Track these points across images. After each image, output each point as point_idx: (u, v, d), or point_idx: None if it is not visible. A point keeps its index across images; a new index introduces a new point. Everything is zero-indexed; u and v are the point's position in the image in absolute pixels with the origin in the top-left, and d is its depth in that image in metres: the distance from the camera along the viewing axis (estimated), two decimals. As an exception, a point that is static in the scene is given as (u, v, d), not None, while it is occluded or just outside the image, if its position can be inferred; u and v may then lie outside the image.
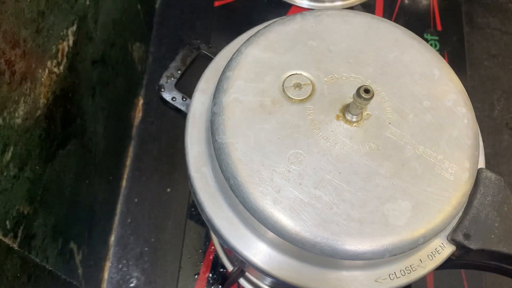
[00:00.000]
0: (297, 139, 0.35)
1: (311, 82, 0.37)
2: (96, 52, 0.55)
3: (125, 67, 0.69)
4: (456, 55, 0.78)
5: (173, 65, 0.47)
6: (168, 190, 0.70)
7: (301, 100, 0.36)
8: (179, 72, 0.47)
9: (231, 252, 0.57)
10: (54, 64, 0.45)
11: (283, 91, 0.36)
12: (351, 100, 0.35)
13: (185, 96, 0.45)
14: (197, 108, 0.40)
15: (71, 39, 0.48)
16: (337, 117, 0.36)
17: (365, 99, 0.33)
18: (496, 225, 0.36)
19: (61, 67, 0.46)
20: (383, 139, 0.35)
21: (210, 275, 0.64)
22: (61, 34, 0.46)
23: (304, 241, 0.33)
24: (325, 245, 0.32)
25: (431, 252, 0.36)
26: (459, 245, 0.36)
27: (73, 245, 0.54)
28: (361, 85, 0.33)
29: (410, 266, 0.36)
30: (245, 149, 0.34)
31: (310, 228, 0.32)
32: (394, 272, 0.36)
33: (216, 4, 0.83)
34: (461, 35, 0.80)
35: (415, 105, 0.37)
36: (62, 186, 0.50)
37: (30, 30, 0.40)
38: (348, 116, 0.35)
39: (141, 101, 0.76)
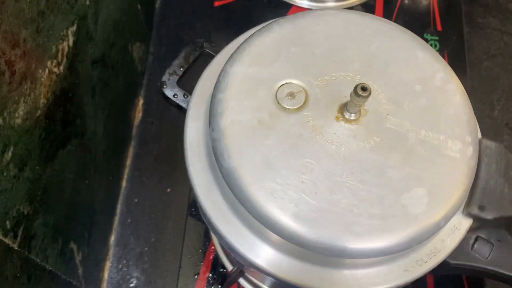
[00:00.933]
0: (302, 148, 0.34)
1: (303, 88, 0.37)
2: (96, 52, 0.55)
3: (125, 67, 0.69)
4: (456, 55, 0.78)
5: (175, 62, 0.47)
6: (168, 190, 0.70)
7: (298, 109, 0.36)
8: (181, 69, 0.47)
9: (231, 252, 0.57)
10: (54, 64, 0.45)
11: (278, 103, 0.36)
12: (346, 99, 0.35)
13: (186, 93, 0.45)
14: (193, 137, 0.39)
15: (71, 39, 0.48)
16: (337, 118, 0.36)
17: (363, 96, 0.33)
18: (506, 190, 0.37)
19: (61, 67, 0.46)
20: (385, 131, 0.36)
21: (210, 275, 0.64)
22: (61, 34, 0.46)
23: (333, 250, 0.32)
24: (353, 249, 0.32)
25: (451, 231, 0.37)
26: (475, 218, 0.37)
27: (73, 245, 0.54)
28: (357, 83, 0.33)
29: (434, 248, 0.37)
30: (253, 169, 0.34)
31: (336, 234, 0.32)
32: (421, 258, 0.37)
33: (216, 4, 0.83)
34: (461, 35, 0.80)
35: (407, 91, 0.37)
36: (62, 186, 0.50)
37: (30, 30, 0.40)
38: (347, 115, 0.35)
39: (141, 101, 0.76)
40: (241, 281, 0.61)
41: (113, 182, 0.68)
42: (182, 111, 0.45)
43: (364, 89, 0.32)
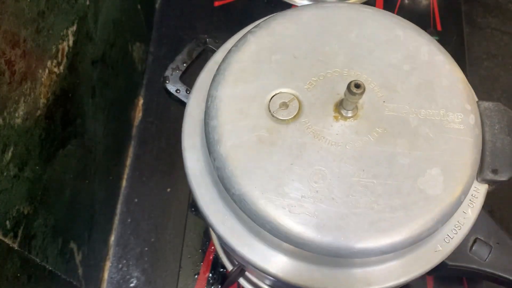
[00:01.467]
0: (309, 157, 0.34)
1: (294, 95, 0.36)
2: (96, 52, 0.55)
3: (125, 67, 0.69)
4: (456, 55, 0.78)
5: (179, 57, 0.47)
6: (168, 190, 0.70)
7: (294, 118, 0.35)
8: (184, 65, 0.47)
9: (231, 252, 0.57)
10: (54, 64, 0.45)
11: (273, 116, 0.35)
12: (339, 96, 0.35)
13: (189, 89, 0.45)
14: (195, 168, 0.38)
15: (71, 39, 0.48)
16: (335, 118, 0.35)
17: (357, 94, 0.32)
18: None
19: (61, 67, 0.46)
20: (386, 119, 0.35)
21: (210, 275, 0.64)
22: (61, 34, 0.46)
23: (364, 252, 0.32)
24: (385, 246, 0.32)
25: (470, 200, 0.37)
26: (490, 182, 0.37)
27: (73, 245, 0.54)
28: (346, 77, 0.33)
29: (458, 222, 0.37)
30: (265, 190, 0.33)
31: (364, 236, 0.32)
32: (448, 235, 0.37)
33: (216, 4, 0.83)
34: (461, 35, 0.80)
35: (397, 73, 0.37)
36: (62, 186, 0.50)
37: (30, 30, 0.40)
38: (345, 113, 0.35)
39: (141, 101, 0.76)
40: (241, 281, 0.61)
41: (113, 182, 0.68)
42: (184, 107, 0.44)
43: (357, 86, 0.32)
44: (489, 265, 0.39)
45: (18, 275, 0.41)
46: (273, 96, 0.36)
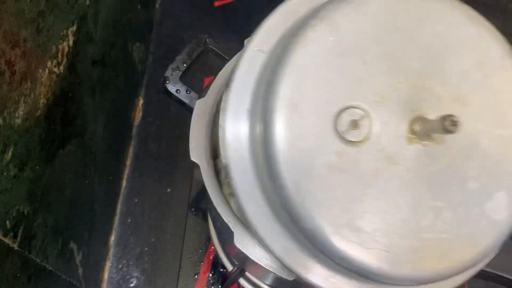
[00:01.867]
0: (382, 185, 0.31)
1: (365, 111, 0.32)
2: (96, 52, 0.55)
3: (125, 67, 0.69)
4: (456, 55, 0.78)
5: (179, 58, 0.47)
6: (168, 190, 0.70)
7: (366, 139, 0.31)
8: (184, 65, 0.47)
9: (231, 252, 0.57)
10: (54, 64, 0.45)
11: (342, 137, 0.31)
12: (414, 113, 0.32)
13: (189, 89, 0.45)
14: (244, 183, 0.34)
15: (71, 39, 0.48)
16: (409, 141, 0.32)
17: (451, 132, 0.29)
18: None
19: (61, 67, 0.46)
20: (459, 140, 0.33)
21: (210, 275, 0.64)
22: (61, 34, 0.46)
23: (433, 280, 0.32)
24: (450, 273, 0.32)
25: None
26: None
27: (73, 245, 0.54)
28: (421, 89, 0.31)
29: None
30: (337, 225, 0.31)
31: (435, 268, 0.31)
32: None
33: (216, 4, 0.83)
34: (461, 35, 0.80)
35: (469, 82, 0.33)
36: (62, 186, 0.50)
37: (30, 30, 0.40)
38: (420, 136, 0.32)
39: (141, 101, 0.76)
40: (241, 281, 0.61)
41: (113, 182, 0.68)
42: (184, 107, 0.45)
43: (454, 124, 0.29)
44: (489, 265, 0.39)
45: (18, 275, 0.41)
46: (341, 112, 0.31)
